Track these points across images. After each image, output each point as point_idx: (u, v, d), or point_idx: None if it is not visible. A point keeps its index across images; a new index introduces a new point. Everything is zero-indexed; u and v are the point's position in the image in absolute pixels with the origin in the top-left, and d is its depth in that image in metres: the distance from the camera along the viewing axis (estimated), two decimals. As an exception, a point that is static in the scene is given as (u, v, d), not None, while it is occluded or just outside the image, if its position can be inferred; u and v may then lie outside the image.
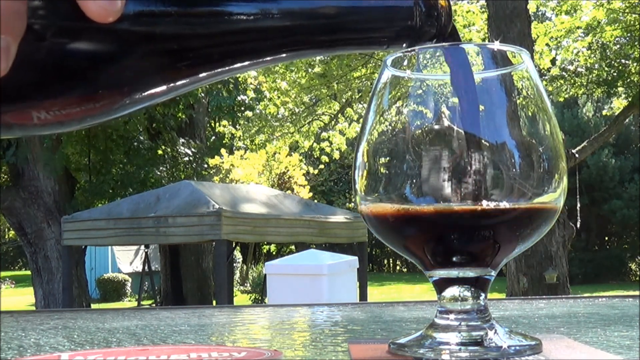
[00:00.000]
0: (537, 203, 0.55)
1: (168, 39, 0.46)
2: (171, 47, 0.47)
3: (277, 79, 13.13)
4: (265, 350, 0.56)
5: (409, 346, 0.55)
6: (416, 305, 1.06)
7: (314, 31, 0.50)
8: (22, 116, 0.45)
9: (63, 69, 0.44)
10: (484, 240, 0.55)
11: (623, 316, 0.90)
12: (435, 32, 0.53)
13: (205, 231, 8.49)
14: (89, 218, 9.38)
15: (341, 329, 0.81)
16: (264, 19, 0.48)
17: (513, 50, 0.57)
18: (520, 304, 1.12)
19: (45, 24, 0.42)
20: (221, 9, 0.47)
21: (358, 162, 0.58)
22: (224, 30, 0.48)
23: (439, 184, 0.53)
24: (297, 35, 0.50)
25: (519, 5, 8.05)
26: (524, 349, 0.54)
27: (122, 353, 0.56)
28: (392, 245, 0.59)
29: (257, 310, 1.31)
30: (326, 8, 0.50)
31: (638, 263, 22.86)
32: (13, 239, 24.88)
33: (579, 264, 19.68)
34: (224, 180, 13.85)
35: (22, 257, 25.85)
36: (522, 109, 0.56)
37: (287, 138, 14.34)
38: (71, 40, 0.44)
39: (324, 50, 0.53)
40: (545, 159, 0.55)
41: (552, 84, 11.63)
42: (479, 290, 0.56)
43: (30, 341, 0.74)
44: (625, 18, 10.92)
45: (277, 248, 22.54)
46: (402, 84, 0.58)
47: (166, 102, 11.65)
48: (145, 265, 13.90)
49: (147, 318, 0.96)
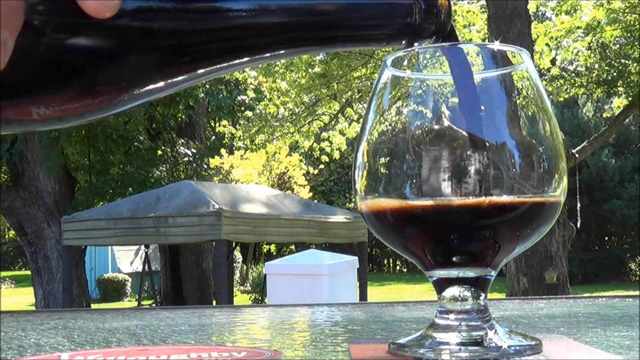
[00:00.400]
0: (536, 198, 0.55)
1: (166, 35, 0.46)
2: (169, 43, 0.47)
3: (277, 79, 13.12)
4: (265, 350, 0.56)
5: (409, 346, 0.55)
6: (416, 305, 1.06)
7: (313, 27, 0.50)
8: (21, 112, 0.45)
9: (62, 64, 0.44)
10: (484, 240, 0.55)
11: (623, 316, 0.90)
12: (435, 30, 0.53)
13: (205, 231, 8.49)
14: (89, 218, 9.38)
15: (341, 329, 0.81)
16: (263, 15, 0.48)
17: (513, 50, 0.57)
18: (520, 304, 1.12)
19: (44, 19, 0.43)
20: (220, 4, 0.47)
21: (358, 162, 0.58)
22: (224, 26, 0.48)
23: (439, 184, 0.53)
24: (296, 31, 0.50)
25: (519, 5, 8.05)
26: (524, 349, 0.54)
27: (122, 353, 0.56)
28: (392, 245, 0.59)
29: (257, 310, 1.31)
30: (325, 4, 0.50)
31: (638, 263, 22.86)
32: (13, 239, 24.88)
33: (579, 264, 19.68)
34: (224, 180, 13.84)
35: (22, 257, 25.85)
36: (522, 109, 0.56)
37: (287, 138, 14.33)
38: (69, 36, 0.44)
39: (323, 47, 0.53)
40: (545, 159, 0.55)
41: (552, 84, 11.63)
42: (479, 290, 0.56)
43: (30, 341, 0.74)
44: (625, 18, 10.91)
45: (277, 248, 22.54)
46: (402, 84, 0.58)
47: (166, 102, 11.66)
48: (145, 265, 13.90)
49: (147, 318, 0.96)
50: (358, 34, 0.52)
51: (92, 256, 18.50)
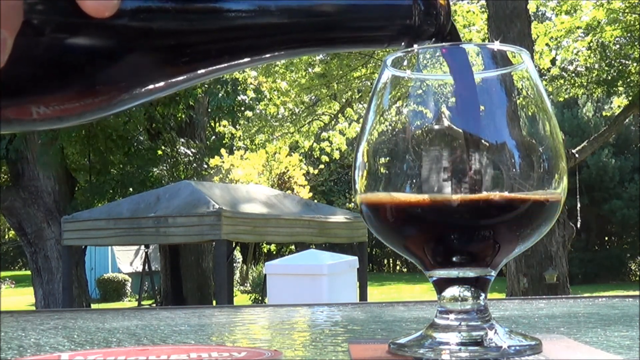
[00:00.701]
0: (537, 198, 0.55)
1: (166, 35, 0.46)
2: (169, 43, 0.47)
3: (277, 79, 13.12)
4: (265, 350, 0.56)
5: (409, 346, 0.55)
6: (416, 305, 1.06)
7: (313, 29, 0.50)
8: (21, 111, 0.45)
9: (61, 64, 0.44)
10: (484, 240, 0.55)
11: (623, 316, 0.90)
12: (434, 31, 0.53)
13: (205, 231, 8.49)
14: (89, 218, 9.37)
15: (341, 329, 0.81)
16: (263, 16, 0.48)
17: (513, 50, 0.57)
18: (520, 304, 1.12)
19: (43, 18, 0.43)
20: (221, 5, 0.47)
21: (358, 162, 0.58)
22: (224, 27, 0.48)
23: (439, 184, 0.53)
24: (296, 32, 0.50)
25: (519, 5, 8.05)
26: (524, 349, 0.54)
27: (122, 353, 0.56)
28: (392, 245, 0.59)
29: (257, 310, 1.31)
30: (325, 6, 0.50)
31: (638, 263, 22.85)
32: (13, 239, 24.88)
33: (579, 264, 19.68)
34: (224, 180, 13.84)
35: (22, 257, 25.85)
36: (522, 109, 0.56)
37: (287, 138, 14.34)
38: (69, 36, 0.44)
39: (323, 48, 0.53)
40: (545, 159, 0.55)
41: (552, 84, 11.63)
42: (479, 290, 0.56)
43: (30, 341, 0.74)
44: (625, 18, 10.92)
45: (277, 248, 22.53)
46: (402, 84, 0.58)
47: (166, 102, 11.66)
48: (145, 265, 13.90)
49: (147, 318, 0.96)
50: (357, 35, 0.52)
51: (92, 256, 18.49)
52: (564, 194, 0.57)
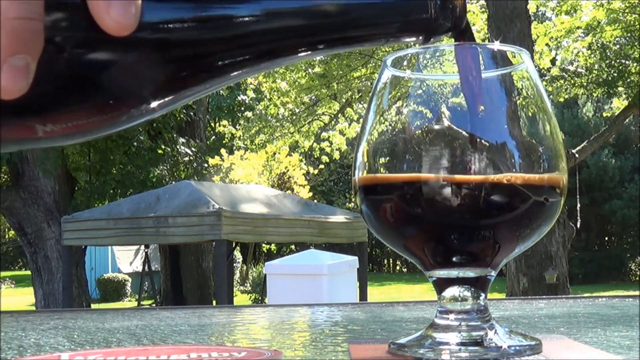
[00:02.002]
0: (536, 198, 0.55)
1: (184, 48, 0.46)
2: (188, 55, 0.46)
3: (277, 79, 13.12)
4: (265, 350, 0.56)
5: (409, 346, 0.55)
6: (416, 305, 1.06)
7: (330, 28, 0.51)
8: (28, 130, 0.45)
9: (79, 82, 0.44)
10: (484, 240, 0.55)
11: (623, 316, 0.90)
12: (451, 25, 0.53)
13: (205, 231, 8.49)
14: (89, 218, 9.37)
15: (341, 329, 0.81)
16: (282, 19, 0.48)
17: (513, 50, 0.57)
18: (520, 304, 1.12)
19: (63, 39, 0.43)
20: (237, 12, 0.47)
21: (358, 162, 0.58)
22: (245, 33, 0.48)
23: (438, 184, 0.53)
24: (314, 33, 0.50)
25: (519, 5, 8.05)
26: (524, 349, 0.54)
27: (122, 353, 0.56)
28: (392, 245, 0.59)
29: (257, 310, 1.31)
30: (341, 5, 0.50)
31: (638, 263, 22.85)
32: (13, 239, 24.87)
33: (579, 264, 19.68)
34: (224, 180, 13.84)
35: (22, 257, 25.85)
36: (522, 109, 0.56)
37: (287, 138, 14.33)
38: (89, 53, 0.44)
39: (339, 47, 0.53)
40: (545, 159, 0.55)
41: (552, 84, 11.63)
42: (479, 290, 0.56)
43: (30, 341, 0.74)
44: (625, 18, 10.91)
45: (277, 248, 22.53)
46: (402, 84, 0.58)
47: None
48: (145, 265, 13.89)
49: (147, 318, 0.96)
50: (375, 32, 0.52)
51: (92, 256, 18.50)
52: (564, 194, 0.57)
